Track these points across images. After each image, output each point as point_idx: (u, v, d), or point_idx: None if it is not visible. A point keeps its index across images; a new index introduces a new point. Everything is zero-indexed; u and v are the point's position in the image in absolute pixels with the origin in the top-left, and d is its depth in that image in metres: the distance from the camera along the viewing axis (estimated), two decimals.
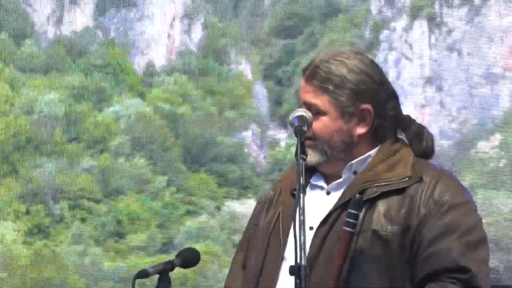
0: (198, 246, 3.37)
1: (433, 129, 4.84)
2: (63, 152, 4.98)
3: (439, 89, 4.92)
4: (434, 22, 5.46)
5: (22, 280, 4.58)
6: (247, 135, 4.60)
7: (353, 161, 1.73)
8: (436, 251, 1.61)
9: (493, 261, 4.40)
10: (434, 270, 1.60)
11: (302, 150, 1.53)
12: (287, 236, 1.70)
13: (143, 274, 1.51)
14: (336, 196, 1.69)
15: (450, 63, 4.85)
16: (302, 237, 1.35)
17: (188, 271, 3.40)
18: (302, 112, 1.67)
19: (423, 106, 5.14)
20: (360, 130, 1.71)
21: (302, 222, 1.37)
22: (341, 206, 1.64)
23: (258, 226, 1.84)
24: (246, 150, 4.76)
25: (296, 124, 1.59)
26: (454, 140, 4.86)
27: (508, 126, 5.26)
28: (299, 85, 1.78)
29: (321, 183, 1.78)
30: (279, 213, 1.77)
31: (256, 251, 1.81)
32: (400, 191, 1.67)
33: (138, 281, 1.47)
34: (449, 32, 4.82)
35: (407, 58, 4.52)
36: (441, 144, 4.68)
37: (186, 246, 2.56)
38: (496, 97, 4.72)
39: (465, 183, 4.59)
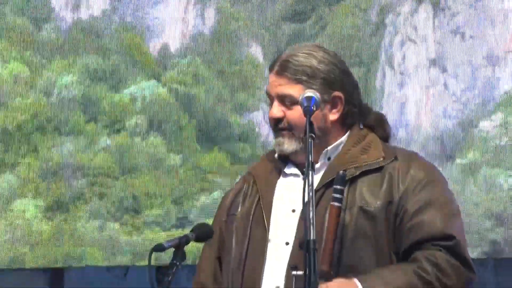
0: (211, 221, 3.51)
1: (438, 109, 5.02)
2: (82, 132, 5.02)
3: (443, 70, 4.89)
4: (438, 7, 5.39)
5: (43, 254, 4.71)
6: (258, 115, 4.49)
7: (328, 148, 2.11)
8: (420, 221, 1.96)
9: (495, 235, 5.09)
10: (419, 239, 1.93)
11: (310, 130, 1.83)
12: (269, 220, 2.04)
13: (159, 248, 1.71)
14: (315, 181, 1.93)
15: (453, 45, 4.87)
16: (311, 213, 1.66)
17: (202, 245, 3.53)
18: (310, 93, 1.95)
19: (427, 87, 4.96)
20: (333, 116, 2.07)
21: (311, 198, 1.68)
22: (323, 186, 2.01)
23: (235, 216, 2.15)
24: (257, 129, 4.66)
25: (305, 104, 1.89)
26: (457, 119, 4.61)
27: (509, 106, 5.38)
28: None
29: (295, 171, 2.11)
30: (258, 200, 2.11)
31: (237, 238, 2.11)
32: (377, 170, 2.05)
33: (154, 254, 1.69)
34: (453, 15, 4.88)
35: (412, 41, 4.67)
36: (445, 123, 4.89)
37: (200, 221, 2.80)
38: (498, 79, 4.82)
39: (468, 160, 4.83)
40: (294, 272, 1.96)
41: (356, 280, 1.99)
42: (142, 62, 4.93)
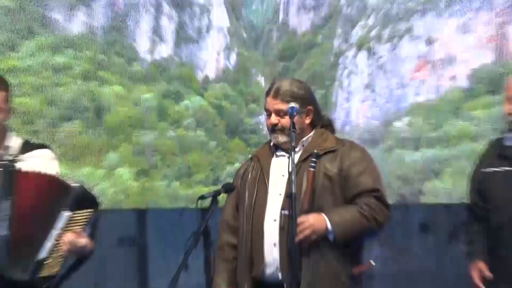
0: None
1: (369, 115, 7.06)
2: (156, 128, 6.63)
3: (372, 91, 7.03)
4: (370, 52, 7.27)
5: (134, 200, 5.71)
6: (262, 118, 6.58)
7: (303, 139, 3.21)
8: (359, 181, 3.07)
9: (402, 190, 6.89)
10: (359, 192, 3.06)
11: (293, 127, 2.96)
12: (268, 181, 3.19)
13: (202, 197, 2.86)
14: (295, 158, 3.11)
15: (379, 76, 6.77)
16: (293, 176, 2.81)
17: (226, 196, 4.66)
18: (293, 104, 3.02)
19: (363, 101, 7.15)
20: (307, 121, 3.17)
21: (293, 168, 2.86)
22: (300, 162, 3.11)
23: (246, 181, 3.30)
24: (261, 126, 6.90)
25: (290, 111, 2.99)
26: (381, 121, 7.00)
27: (412, 113, 7.10)
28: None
29: (283, 153, 3.19)
30: (261, 170, 3.27)
31: (249, 192, 3.24)
32: (333, 152, 3.16)
33: (199, 201, 2.85)
34: (379, 58, 6.68)
35: (354, 73, 6.70)
36: (373, 123, 7.01)
37: (227, 181, 3.55)
38: (405, 96, 6.52)
39: (387, 146, 6.82)
40: (283, 211, 3.12)
41: (323, 214, 3.09)
42: (193, 85, 6.89)
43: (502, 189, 4.22)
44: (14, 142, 3.46)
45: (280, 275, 3.35)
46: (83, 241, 3.24)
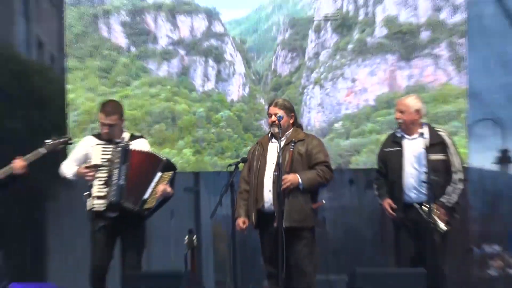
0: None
1: (322, 120, 9.59)
2: (205, 127, 9.61)
3: (322, 107, 9.77)
4: (321, 86, 9.78)
5: (190, 167, 9.65)
6: (263, 122, 9.64)
7: (287, 132, 5.32)
8: (317, 157, 5.22)
9: (341, 161, 9.51)
10: (316, 162, 5.22)
11: (280, 126, 5.15)
12: (266, 157, 5.31)
13: (230, 165, 5.49)
14: (282, 143, 5.20)
15: (326, 99, 9.85)
16: (280, 154, 5.07)
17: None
18: (280, 113, 5.22)
19: (318, 112, 9.86)
20: (290, 121, 5.31)
21: (281, 150, 5.09)
22: (285, 145, 5.18)
23: (254, 156, 5.40)
24: (262, 126, 9.66)
25: (279, 118, 5.18)
26: (326, 124, 9.79)
27: (346, 119, 9.73)
28: (269, 108, 5.55)
29: (275, 140, 5.23)
30: (263, 150, 5.36)
31: (256, 162, 5.34)
32: (302, 140, 5.30)
33: (227, 168, 5.52)
34: (326, 89, 9.85)
35: (312, 98, 9.96)
36: (324, 125, 9.75)
37: (243, 156, 5.84)
38: (340, 110, 9.58)
39: (331, 137, 9.42)
40: (274, 173, 5.12)
41: (297, 174, 5.09)
42: (224, 104, 9.65)
43: (394, 160, 6.16)
44: (126, 135, 5.76)
45: (272, 208, 5.44)
46: (168, 189, 5.43)
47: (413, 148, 6.11)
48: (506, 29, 9.77)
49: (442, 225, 5.89)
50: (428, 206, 5.76)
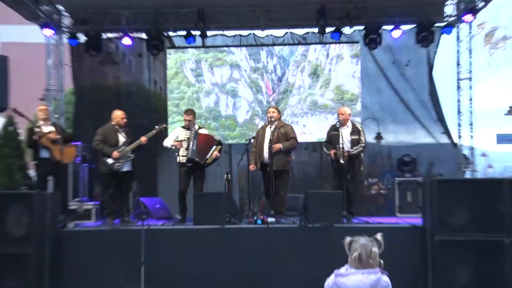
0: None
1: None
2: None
3: (293, 114, 13.76)
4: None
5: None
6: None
7: (276, 122, 10.20)
8: (290, 135, 10.34)
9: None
10: (289, 138, 10.37)
11: (271, 121, 10.23)
12: (265, 136, 10.27)
13: (247, 139, 10.75)
14: (272, 128, 10.17)
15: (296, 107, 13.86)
16: (272, 134, 10.05)
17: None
18: (276, 113, 10.40)
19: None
20: (278, 117, 10.40)
21: (272, 132, 10.10)
22: (274, 129, 10.11)
23: (258, 135, 10.42)
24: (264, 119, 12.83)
25: (271, 115, 10.29)
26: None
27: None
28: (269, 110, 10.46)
29: (269, 126, 10.21)
30: (263, 131, 10.35)
31: (260, 138, 10.37)
32: (283, 126, 10.46)
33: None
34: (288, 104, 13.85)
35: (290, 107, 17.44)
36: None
37: (253, 136, 10.67)
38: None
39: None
40: (269, 144, 9.95)
41: (280, 143, 10.01)
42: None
43: (334, 138, 9.96)
44: (196, 126, 10.39)
45: (268, 160, 9.73)
46: (219, 155, 10.20)
47: (345, 133, 10.22)
48: (379, 74, 14.50)
49: (342, 160, 9.84)
50: (342, 150, 9.98)
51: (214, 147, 10.32)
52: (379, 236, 4.50)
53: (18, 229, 8.10)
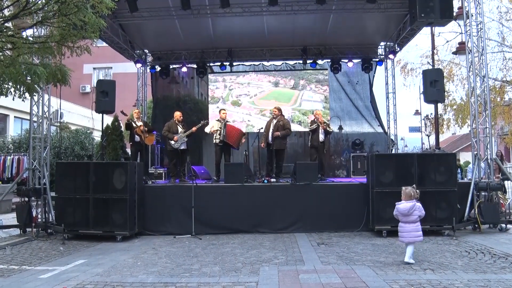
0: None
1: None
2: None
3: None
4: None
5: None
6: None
7: (278, 117, 9.92)
8: (286, 126, 9.86)
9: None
10: (285, 128, 9.81)
11: (274, 117, 10.01)
12: (270, 125, 9.98)
13: (259, 129, 10.93)
14: (275, 121, 9.95)
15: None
16: (274, 125, 9.93)
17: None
18: (278, 112, 10.10)
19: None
20: (279, 114, 9.96)
21: (274, 125, 9.96)
22: (276, 122, 9.83)
23: (267, 125, 10.14)
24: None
25: (276, 113, 10.02)
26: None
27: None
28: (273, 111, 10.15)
29: (274, 120, 9.92)
30: (270, 123, 9.97)
31: (267, 127, 10.09)
32: (282, 120, 9.98)
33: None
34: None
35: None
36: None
37: (262, 127, 11.20)
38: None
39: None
40: (272, 131, 9.89)
41: (278, 131, 9.72)
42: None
43: (314, 130, 10.14)
44: (225, 120, 9.94)
45: (271, 141, 9.60)
46: (244, 140, 10.08)
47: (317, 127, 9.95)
48: (340, 89, 15.15)
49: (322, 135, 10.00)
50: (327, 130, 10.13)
51: (243, 136, 10.49)
52: (414, 186, 6.08)
53: (119, 184, 8.22)
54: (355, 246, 7.11)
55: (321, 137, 10.15)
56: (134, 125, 10.51)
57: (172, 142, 9.96)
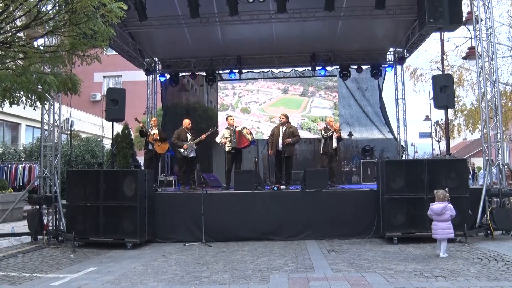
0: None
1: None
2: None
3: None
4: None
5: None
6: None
7: (286, 124, 9.69)
8: (295, 133, 9.67)
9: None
10: (295, 135, 9.62)
11: (281, 124, 9.81)
12: (279, 132, 9.66)
13: (268, 136, 10.62)
14: (283, 128, 9.67)
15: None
16: (283, 132, 9.66)
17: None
18: (285, 119, 9.89)
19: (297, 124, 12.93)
20: (287, 121, 9.76)
21: (282, 131, 9.74)
22: (285, 129, 9.57)
23: (274, 132, 9.75)
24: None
25: (282, 120, 9.81)
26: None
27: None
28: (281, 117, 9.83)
29: (281, 127, 9.63)
30: (278, 130, 9.68)
31: (276, 135, 9.67)
32: (291, 127, 9.70)
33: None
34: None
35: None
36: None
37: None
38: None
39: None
40: (282, 138, 9.55)
41: (289, 138, 9.41)
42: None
43: (327, 137, 9.72)
44: (234, 126, 9.84)
45: (281, 148, 9.34)
46: (251, 137, 9.84)
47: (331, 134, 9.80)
48: (350, 95, 15.14)
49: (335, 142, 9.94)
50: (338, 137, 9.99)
51: (252, 141, 10.40)
52: (446, 189, 6.66)
53: (129, 191, 8.17)
54: (365, 253, 7.02)
55: (334, 144, 10.03)
56: (147, 133, 10.62)
57: (182, 150, 9.95)
